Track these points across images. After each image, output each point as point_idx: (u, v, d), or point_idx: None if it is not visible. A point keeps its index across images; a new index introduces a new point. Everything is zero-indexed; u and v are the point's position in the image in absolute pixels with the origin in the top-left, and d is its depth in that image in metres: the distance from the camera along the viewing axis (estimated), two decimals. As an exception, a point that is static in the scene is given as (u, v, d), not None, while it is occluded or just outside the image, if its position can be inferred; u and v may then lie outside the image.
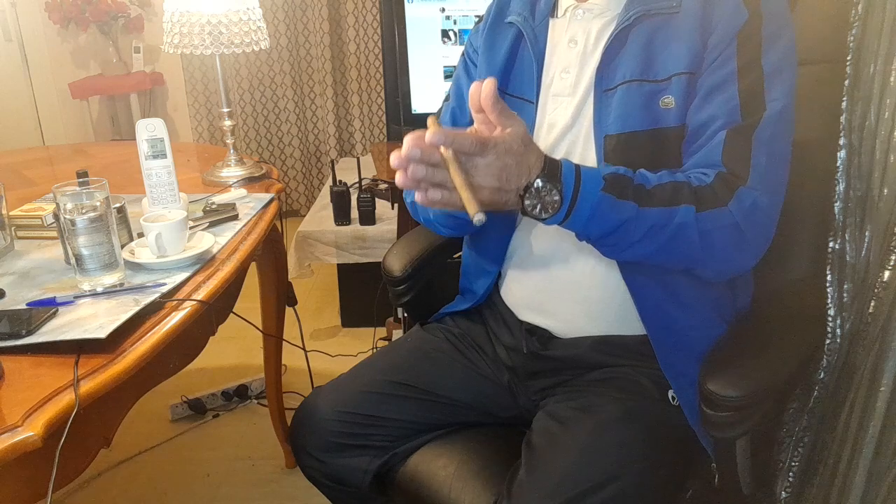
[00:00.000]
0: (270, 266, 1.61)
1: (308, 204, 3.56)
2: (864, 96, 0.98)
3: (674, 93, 0.89)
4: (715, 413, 0.86)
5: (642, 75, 0.90)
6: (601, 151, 0.92)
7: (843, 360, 1.02)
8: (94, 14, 3.12)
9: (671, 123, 0.90)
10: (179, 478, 1.79)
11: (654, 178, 0.85)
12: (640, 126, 0.90)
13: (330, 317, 2.57)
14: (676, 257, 0.87)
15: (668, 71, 0.89)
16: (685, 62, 0.88)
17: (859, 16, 0.98)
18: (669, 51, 0.90)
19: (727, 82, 0.87)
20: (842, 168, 1.01)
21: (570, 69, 0.97)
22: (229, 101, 1.56)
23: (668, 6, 0.90)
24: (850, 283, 1.01)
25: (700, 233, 0.83)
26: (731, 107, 0.86)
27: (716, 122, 0.87)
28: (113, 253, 1.00)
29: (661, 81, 0.90)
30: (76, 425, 0.76)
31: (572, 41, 0.98)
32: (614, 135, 0.91)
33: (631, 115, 0.90)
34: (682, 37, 0.89)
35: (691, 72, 0.88)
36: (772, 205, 0.87)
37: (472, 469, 0.99)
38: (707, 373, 0.88)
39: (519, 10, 1.03)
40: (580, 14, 0.97)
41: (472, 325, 1.15)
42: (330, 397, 1.08)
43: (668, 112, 0.89)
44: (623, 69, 0.91)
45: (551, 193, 0.80)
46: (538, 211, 0.81)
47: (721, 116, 0.87)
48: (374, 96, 3.47)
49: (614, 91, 0.92)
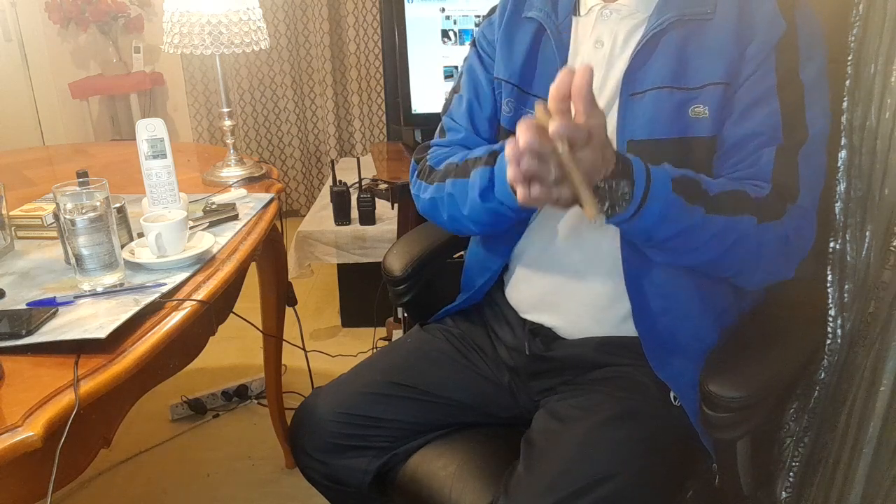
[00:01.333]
0: (270, 266, 1.61)
1: (308, 204, 3.56)
2: (864, 96, 0.97)
3: (707, 102, 0.87)
4: (716, 414, 0.86)
5: (674, 82, 0.89)
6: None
7: (843, 360, 1.02)
8: (94, 14, 3.11)
9: (702, 133, 0.88)
10: (179, 478, 1.79)
11: (716, 184, 0.84)
12: (667, 134, 0.89)
13: (330, 317, 2.57)
14: (732, 265, 0.87)
15: (701, 79, 0.88)
16: (721, 72, 0.87)
17: (860, 16, 0.98)
18: (704, 59, 0.88)
19: (768, 97, 0.86)
20: (842, 168, 1.01)
21: (596, 71, 0.95)
22: (229, 101, 1.56)
23: (702, 12, 0.88)
24: (851, 284, 1.01)
25: (758, 243, 0.84)
26: (772, 123, 0.86)
27: (758, 139, 0.86)
28: (113, 253, 1.00)
29: (694, 90, 0.88)
30: (76, 425, 0.76)
31: (598, 42, 0.96)
32: (640, 140, 0.90)
33: (659, 122, 0.89)
34: (718, 45, 0.87)
35: (727, 82, 0.87)
36: (812, 223, 0.89)
37: (472, 469, 0.99)
38: (708, 374, 0.88)
39: (540, 6, 1.00)
40: (607, 14, 0.95)
41: (473, 326, 1.15)
42: (330, 398, 1.08)
43: (699, 121, 0.88)
44: (653, 75, 0.90)
45: (623, 190, 0.77)
46: (605, 208, 0.78)
47: (764, 133, 0.86)
48: (374, 96, 3.46)
49: (643, 96, 0.90)
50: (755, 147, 0.86)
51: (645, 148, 0.89)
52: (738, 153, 0.88)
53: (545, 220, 1.01)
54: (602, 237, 0.95)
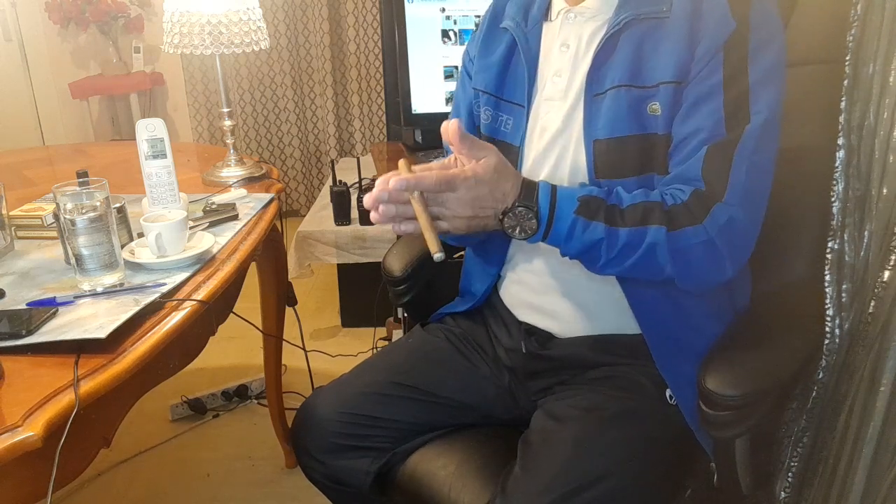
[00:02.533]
0: (270, 266, 1.61)
1: (308, 204, 3.56)
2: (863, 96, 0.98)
3: (660, 100, 0.89)
4: (714, 412, 0.86)
5: (631, 81, 0.90)
6: (591, 156, 0.92)
7: (842, 360, 1.02)
8: (94, 14, 3.12)
9: (657, 130, 0.90)
10: (179, 478, 1.79)
11: (629, 198, 0.87)
12: (628, 131, 0.90)
13: (330, 317, 2.57)
14: (651, 273, 0.89)
15: (655, 78, 0.89)
16: (672, 71, 0.88)
17: (858, 16, 0.98)
18: (657, 58, 0.89)
19: (712, 94, 0.87)
20: (840, 168, 1.01)
21: (563, 73, 0.97)
22: (229, 101, 1.56)
23: (658, 10, 0.90)
24: (849, 284, 1.01)
25: (671, 251, 0.85)
26: (715, 119, 0.86)
27: (699, 135, 0.87)
28: (113, 253, 1.00)
29: (649, 88, 0.89)
30: (76, 425, 0.76)
31: (564, 45, 0.97)
32: (603, 139, 0.91)
33: (619, 120, 0.90)
34: (671, 44, 0.88)
35: (678, 80, 0.88)
36: (750, 219, 0.88)
37: (472, 469, 0.99)
38: (706, 372, 0.88)
39: (512, 15, 1.03)
40: (572, 17, 0.97)
41: (473, 326, 1.15)
42: (330, 398, 1.08)
43: (656, 119, 0.89)
44: (613, 74, 0.91)
45: (528, 217, 0.85)
46: (517, 232, 0.86)
47: (705, 129, 0.86)
48: (374, 96, 3.47)
49: (604, 96, 0.91)
50: (697, 144, 0.87)
51: (609, 146, 0.91)
52: (682, 150, 0.88)
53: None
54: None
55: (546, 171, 0.98)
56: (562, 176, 0.96)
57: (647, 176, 0.91)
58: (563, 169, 0.96)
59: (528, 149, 1.00)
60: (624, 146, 0.90)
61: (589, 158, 0.92)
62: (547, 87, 0.98)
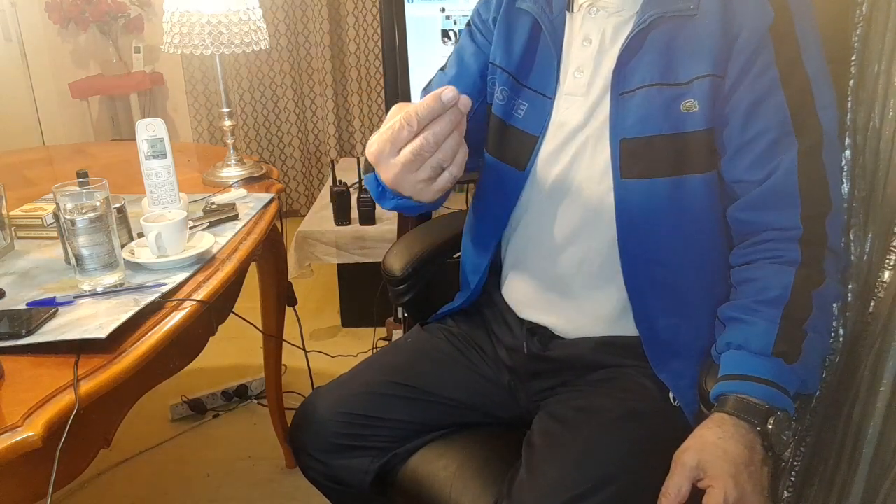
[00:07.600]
0: (270, 266, 1.61)
1: (308, 204, 3.56)
2: (868, 96, 0.97)
3: (696, 96, 0.87)
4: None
5: (662, 79, 0.89)
6: (617, 154, 0.91)
7: (843, 359, 1.02)
8: (94, 14, 3.12)
9: (694, 127, 0.88)
10: (179, 478, 1.79)
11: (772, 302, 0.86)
12: (659, 130, 0.89)
13: (330, 317, 2.57)
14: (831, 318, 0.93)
15: (689, 74, 0.88)
16: (708, 64, 0.87)
17: (864, 16, 0.97)
18: (690, 53, 0.88)
19: (772, 91, 0.85)
20: (846, 168, 1.01)
21: (584, 69, 0.95)
22: (229, 101, 1.56)
23: (685, 8, 0.88)
24: (854, 283, 1.00)
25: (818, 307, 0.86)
26: (780, 118, 0.85)
27: (767, 135, 0.86)
28: (113, 253, 1.00)
29: (683, 85, 0.88)
30: (76, 425, 0.76)
31: (586, 40, 0.96)
32: (632, 138, 0.90)
33: (651, 119, 0.89)
34: (704, 39, 0.87)
35: (715, 74, 0.87)
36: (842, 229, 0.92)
37: (473, 469, 0.99)
38: (707, 373, 0.88)
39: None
40: (594, 11, 0.95)
41: (473, 326, 1.14)
42: (330, 398, 1.07)
43: (691, 116, 0.88)
44: (642, 73, 0.90)
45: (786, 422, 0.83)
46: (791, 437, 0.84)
47: (772, 129, 0.85)
48: (374, 96, 3.46)
49: (633, 94, 0.90)
50: (767, 145, 0.86)
51: (637, 145, 0.89)
52: (747, 154, 0.87)
53: (540, 218, 1.00)
54: (599, 236, 0.95)
55: (560, 168, 0.96)
56: (576, 173, 0.95)
57: (683, 178, 0.90)
58: (579, 166, 0.95)
59: (545, 142, 0.98)
60: (653, 146, 0.89)
61: (615, 157, 0.91)
62: (568, 82, 0.96)
